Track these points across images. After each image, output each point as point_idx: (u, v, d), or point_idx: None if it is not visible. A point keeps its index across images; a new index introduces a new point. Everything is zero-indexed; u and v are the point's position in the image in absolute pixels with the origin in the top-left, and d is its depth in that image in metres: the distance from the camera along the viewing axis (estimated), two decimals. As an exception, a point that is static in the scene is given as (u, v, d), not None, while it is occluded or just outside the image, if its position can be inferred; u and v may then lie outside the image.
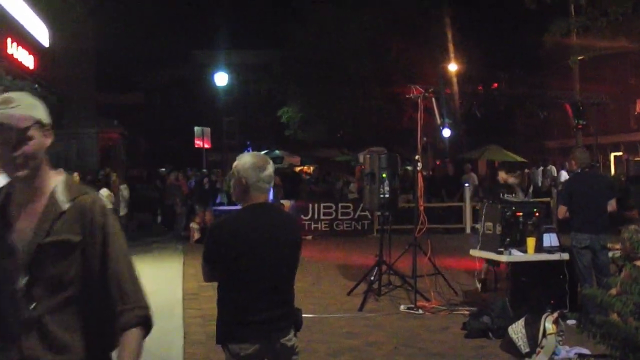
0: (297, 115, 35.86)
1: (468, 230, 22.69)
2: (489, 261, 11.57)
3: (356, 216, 23.01)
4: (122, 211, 19.49)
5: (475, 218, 21.72)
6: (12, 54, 18.23)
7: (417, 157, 12.26)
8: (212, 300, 11.47)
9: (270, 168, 4.60)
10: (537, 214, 10.50)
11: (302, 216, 22.27)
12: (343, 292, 12.42)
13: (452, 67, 34.27)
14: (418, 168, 12.19)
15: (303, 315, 4.72)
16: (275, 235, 4.52)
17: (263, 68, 39.05)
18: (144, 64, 40.75)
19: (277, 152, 33.10)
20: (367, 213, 22.54)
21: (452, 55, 34.12)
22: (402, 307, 11.22)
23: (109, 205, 12.35)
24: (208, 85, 39.35)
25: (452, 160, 31.22)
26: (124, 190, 20.29)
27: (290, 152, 34.44)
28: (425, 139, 12.41)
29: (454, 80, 34.14)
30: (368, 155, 12.51)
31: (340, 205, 23.22)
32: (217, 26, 41.01)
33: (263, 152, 19.94)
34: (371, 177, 11.94)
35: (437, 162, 35.31)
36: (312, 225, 22.60)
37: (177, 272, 15.09)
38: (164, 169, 28.61)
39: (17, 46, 18.27)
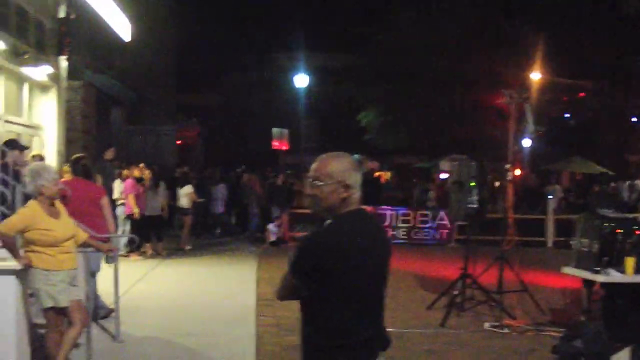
0: (377, 119, 35.35)
1: (550, 244, 21.82)
2: (585, 284, 10.84)
3: (435, 225, 22.33)
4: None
5: (560, 231, 20.97)
6: (96, 49, 18.19)
7: (507, 166, 11.64)
8: (287, 309, 11.25)
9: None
10: (637, 232, 9.73)
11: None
12: (422, 305, 11.83)
13: (536, 75, 33.35)
14: (508, 178, 11.55)
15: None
16: (377, 245, 3.99)
17: (343, 71, 38.64)
18: (223, 65, 40.82)
19: (356, 156, 32.52)
20: (446, 222, 21.92)
21: (537, 63, 33.13)
22: (486, 325, 10.57)
23: (188, 204, 11.78)
24: (287, 87, 39.14)
25: (534, 170, 30.29)
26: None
27: (368, 157, 33.87)
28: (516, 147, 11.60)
29: (537, 88, 33.42)
30: (456, 163, 11.90)
31: (418, 213, 22.58)
32: (297, 29, 40.76)
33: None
34: (459, 186, 11.35)
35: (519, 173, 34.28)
36: (390, 233, 21.99)
37: (251, 276, 14.68)
38: (239, 169, 28.32)
39: (102, 40, 18.22)
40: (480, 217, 11.68)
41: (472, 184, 11.21)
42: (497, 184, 26.00)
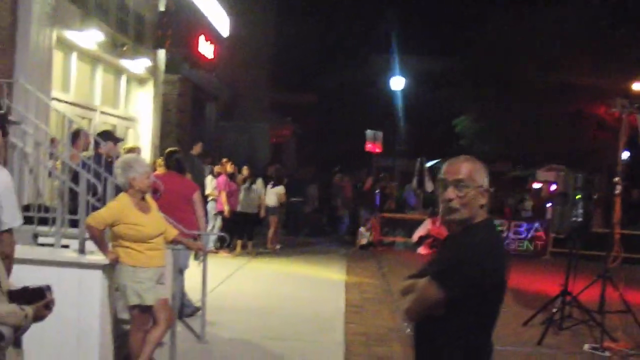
0: (473, 126, 34.61)
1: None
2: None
3: (529, 236, 21.62)
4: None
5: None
6: (195, 43, 18.18)
7: (616, 179, 10.99)
8: (377, 317, 10.92)
9: None
10: None
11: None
12: (518, 321, 11.26)
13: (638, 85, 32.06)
14: (617, 191, 10.91)
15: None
16: (507, 259, 3.68)
17: (440, 76, 37.98)
18: (317, 65, 40.69)
19: (451, 162, 31.91)
20: (541, 233, 21.24)
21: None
22: (585, 347, 9.96)
23: (276, 202, 11.49)
24: (382, 89, 38.74)
25: (636, 184, 29.06)
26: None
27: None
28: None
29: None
30: (562, 174, 11.32)
31: (512, 223, 21.88)
32: (395, 30, 40.36)
33: (436, 161, 19.17)
34: (563, 198, 10.77)
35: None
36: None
37: (340, 280, 14.36)
38: (335, 169, 28.13)
39: (202, 35, 18.22)
40: (585, 231, 11.06)
41: (578, 196, 10.63)
42: (594, 196, 25.00)
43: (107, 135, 9.49)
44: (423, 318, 3.61)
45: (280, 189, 18.78)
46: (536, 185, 31.86)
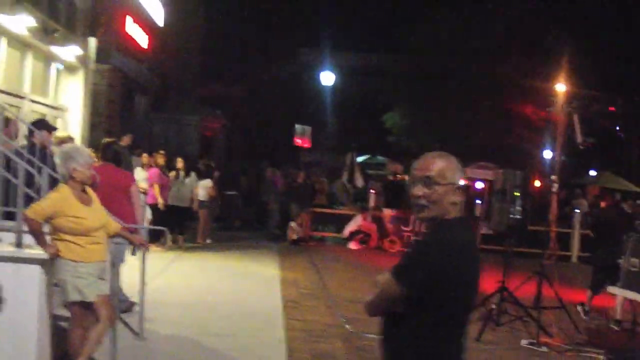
0: (403, 121, 34.77)
1: (574, 259, 21.31)
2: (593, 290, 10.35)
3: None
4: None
5: (584, 247, 20.51)
6: (128, 32, 17.77)
7: (553, 177, 11.10)
8: (316, 312, 10.79)
9: None
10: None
11: (402, 227, 21.29)
12: (454, 317, 11.26)
13: (561, 87, 32.73)
14: (553, 189, 11.01)
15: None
16: (477, 258, 3.55)
17: (369, 71, 38.09)
18: (247, 57, 40.33)
19: (379, 158, 32.09)
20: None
21: (567, 73, 32.51)
22: (523, 342, 10.05)
23: (205, 196, 11.19)
24: (311, 84, 38.71)
25: (562, 184, 29.63)
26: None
27: (392, 160, 33.29)
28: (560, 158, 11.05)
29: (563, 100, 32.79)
30: (501, 171, 11.37)
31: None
32: (324, 25, 40.26)
33: (364, 158, 19.12)
34: (502, 195, 10.82)
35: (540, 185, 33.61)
36: (412, 238, 21.48)
37: (274, 275, 14.20)
38: (262, 164, 27.96)
39: (135, 23, 17.82)
40: (522, 228, 11.15)
41: (517, 193, 10.70)
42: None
43: (42, 124, 9.12)
44: (385, 314, 3.55)
45: (208, 182, 18.41)
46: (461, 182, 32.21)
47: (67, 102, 15.71)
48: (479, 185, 27.92)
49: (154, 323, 8.76)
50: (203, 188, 18.19)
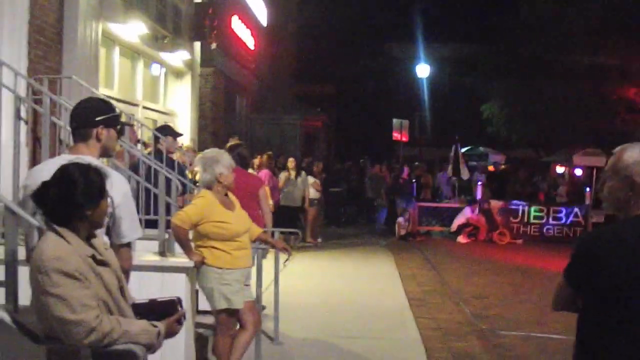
0: (501, 112, 34.05)
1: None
2: None
3: (568, 222, 21.15)
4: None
5: None
6: (235, 32, 17.81)
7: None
8: (444, 310, 10.52)
9: None
10: None
11: (511, 219, 20.80)
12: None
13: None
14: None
15: (554, 336, 3.61)
16: None
17: (464, 62, 37.47)
18: (337, 55, 40.16)
19: (481, 149, 31.47)
20: (580, 219, 20.83)
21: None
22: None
23: (315, 194, 10.93)
24: (405, 78, 38.38)
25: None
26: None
27: (494, 150, 32.65)
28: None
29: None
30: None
31: (551, 209, 21.43)
32: (416, 17, 39.85)
33: (466, 149, 18.63)
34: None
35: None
36: (522, 229, 20.98)
37: (393, 273, 13.97)
38: (362, 160, 27.75)
39: (242, 23, 17.87)
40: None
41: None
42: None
43: (167, 130, 9.11)
44: (573, 311, 3.43)
45: (310, 179, 18.27)
46: (559, 170, 31.46)
47: (176, 106, 15.82)
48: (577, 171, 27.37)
49: (284, 326, 8.62)
50: (311, 186, 18.12)
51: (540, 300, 11.82)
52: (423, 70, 33.87)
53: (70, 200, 3.32)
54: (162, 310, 3.67)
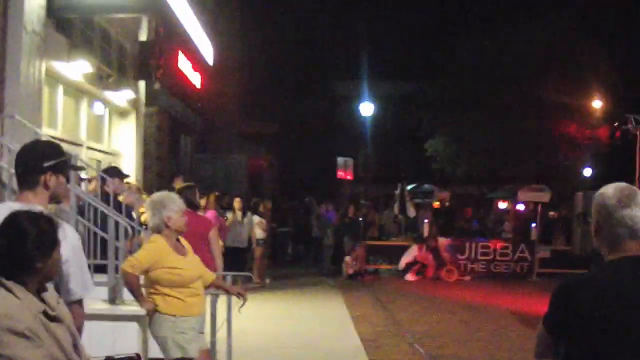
0: (445, 148, 34.38)
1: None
2: None
3: (515, 257, 21.25)
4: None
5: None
6: (182, 70, 17.59)
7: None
8: (400, 351, 10.33)
9: None
10: None
11: (458, 255, 20.83)
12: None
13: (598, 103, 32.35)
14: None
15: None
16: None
17: (409, 99, 37.74)
18: (281, 94, 40.04)
19: (426, 186, 31.55)
20: (526, 254, 20.90)
21: (605, 90, 32.11)
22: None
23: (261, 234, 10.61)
24: (350, 116, 38.43)
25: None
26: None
27: (439, 187, 32.80)
28: None
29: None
30: (581, 193, 10.91)
31: (498, 245, 21.54)
32: (358, 57, 39.94)
33: (410, 187, 18.60)
34: (584, 218, 10.36)
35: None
36: (469, 266, 21.03)
37: (343, 313, 13.75)
38: (306, 199, 27.59)
39: (188, 61, 17.68)
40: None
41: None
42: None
43: (114, 171, 8.84)
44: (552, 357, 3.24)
45: (256, 218, 18.02)
46: (502, 205, 31.78)
47: (120, 146, 15.51)
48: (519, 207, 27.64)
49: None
50: (257, 225, 17.87)
51: (493, 338, 11.79)
52: (367, 108, 33.91)
53: (20, 252, 3.06)
54: None
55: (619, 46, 32.70)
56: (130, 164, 15.57)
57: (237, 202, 17.11)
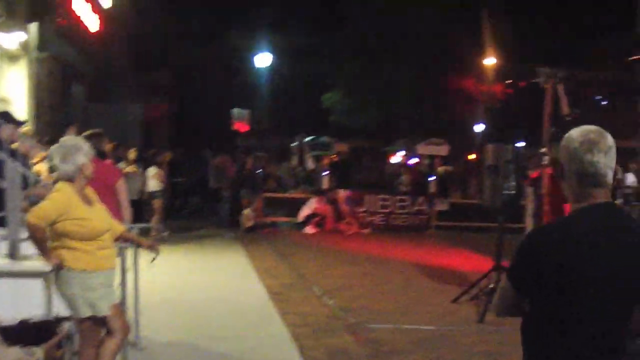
0: (343, 101, 34.29)
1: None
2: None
3: (414, 210, 21.43)
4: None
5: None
6: (76, 12, 16.65)
7: (542, 149, 10.65)
8: (308, 303, 10.14)
9: (613, 148, 3.03)
10: None
11: (357, 208, 20.86)
12: (445, 299, 10.70)
13: (491, 60, 32.83)
14: (544, 162, 10.57)
15: (423, 327, 3.33)
16: (623, 251, 2.93)
17: (308, 51, 37.33)
18: (177, 43, 38.96)
19: (324, 138, 31.34)
20: (424, 207, 21.13)
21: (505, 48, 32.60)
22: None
23: (158, 186, 10.11)
24: (247, 67, 37.81)
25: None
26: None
27: (337, 139, 32.64)
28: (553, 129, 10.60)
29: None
30: (492, 146, 10.88)
31: (397, 198, 21.65)
32: (258, 7, 39.19)
33: (308, 139, 18.47)
34: (494, 171, 10.33)
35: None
36: (368, 218, 21.05)
37: (247, 266, 13.51)
38: (203, 150, 27.02)
39: (86, 3, 16.74)
40: (517, 205, 10.73)
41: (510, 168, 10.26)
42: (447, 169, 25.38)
43: (7, 117, 8.20)
44: (518, 315, 3.11)
45: (152, 170, 17.42)
46: (394, 159, 32.08)
47: (9, 92, 14.65)
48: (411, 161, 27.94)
49: (145, 329, 7.94)
50: (153, 177, 17.29)
51: (402, 289, 11.76)
52: (263, 59, 33.48)
53: None
54: (37, 333, 3.03)
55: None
56: (20, 111, 14.74)
57: (132, 153, 16.45)
